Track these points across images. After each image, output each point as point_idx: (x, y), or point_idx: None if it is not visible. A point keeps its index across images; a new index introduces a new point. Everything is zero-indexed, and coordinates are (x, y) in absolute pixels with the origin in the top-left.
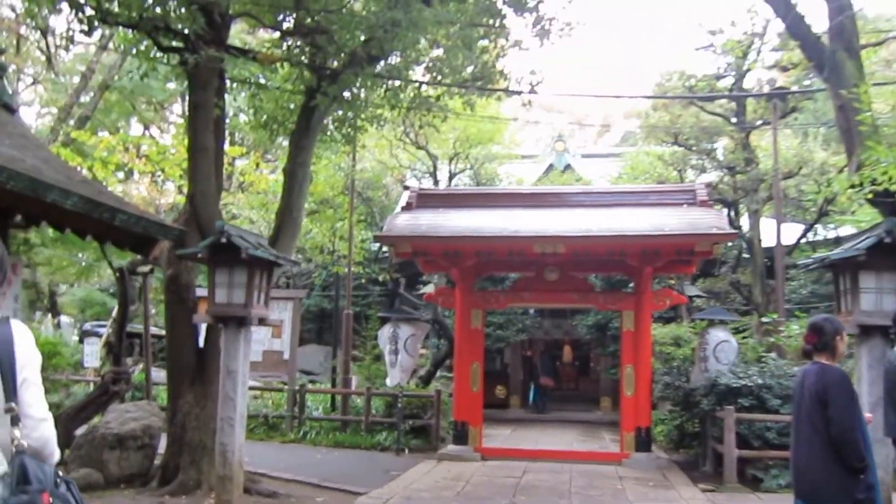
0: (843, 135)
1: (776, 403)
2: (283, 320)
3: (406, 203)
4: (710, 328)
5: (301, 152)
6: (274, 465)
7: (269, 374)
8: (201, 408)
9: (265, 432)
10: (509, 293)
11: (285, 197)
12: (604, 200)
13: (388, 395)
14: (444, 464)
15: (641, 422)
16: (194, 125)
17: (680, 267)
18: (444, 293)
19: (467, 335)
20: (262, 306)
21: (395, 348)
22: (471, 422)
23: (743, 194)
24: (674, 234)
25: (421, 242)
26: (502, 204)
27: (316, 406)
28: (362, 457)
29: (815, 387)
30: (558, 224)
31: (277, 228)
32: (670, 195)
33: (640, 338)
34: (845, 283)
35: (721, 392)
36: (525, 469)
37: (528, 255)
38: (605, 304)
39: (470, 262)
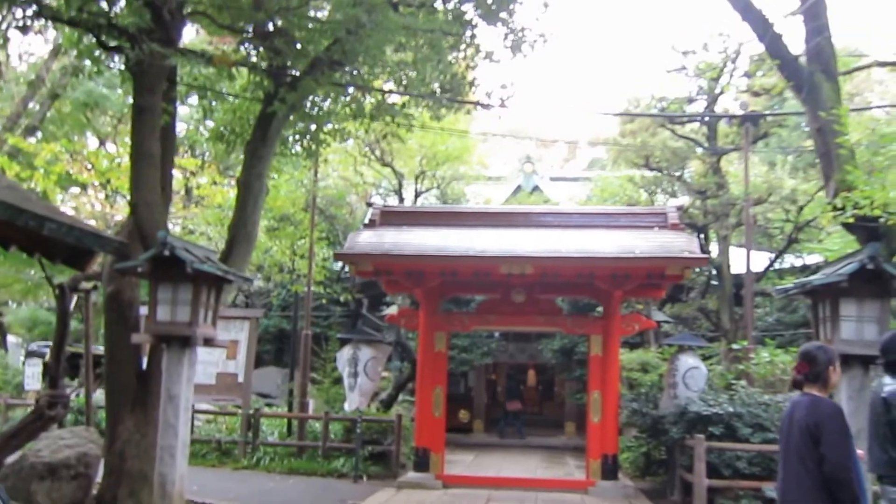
0: (821, 158)
1: (747, 432)
2: (239, 341)
3: (369, 220)
4: (679, 354)
5: (257, 162)
6: (223, 495)
7: (223, 398)
8: (142, 435)
9: (217, 458)
10: (475, 315)
11: (239, 209)
12: (573, 221)
13: (346, 419)
14: (404, 492)
15: (608, 449)
16: (139, 130)
17: (649, 291)
18: (407, 315)
19: (430, 358)
20: (209, 325)
21: (355, 371)
22: (433, 448)
23: (713, 219)
24: (644, 257)
25: (384, 261)
26: (469, 223)
27: (271, 431)
28: (318, 485)
29: (807, 420)
30: (526, 244)
31: (230, 243)
32: (641, 217)
33: (608, 363)
34: (825, 311)
35: (691, 419)
36: (488, 498)
37: (494, 275)
38: (572, 327)
39: (434, 282)
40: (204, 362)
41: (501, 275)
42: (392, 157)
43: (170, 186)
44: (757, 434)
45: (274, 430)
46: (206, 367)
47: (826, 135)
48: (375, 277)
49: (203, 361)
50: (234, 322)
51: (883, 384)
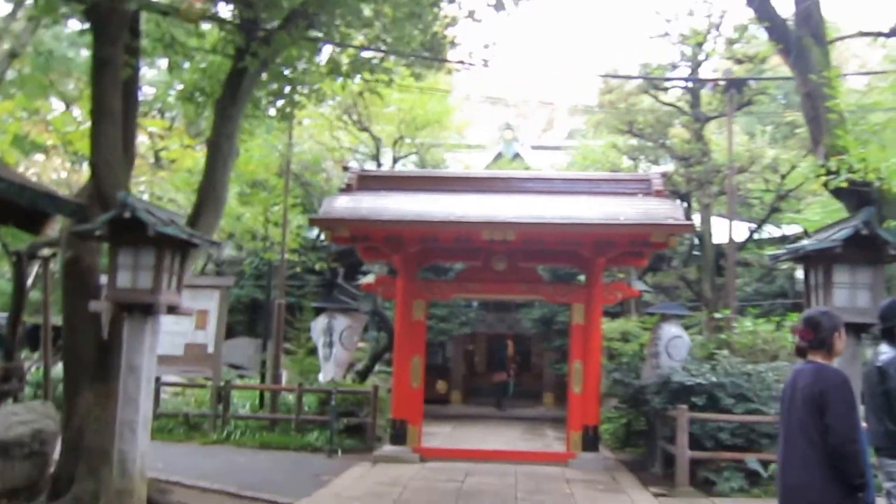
0: (810, 123)
1: (729, 402)
2: (209, 310)
3: (345, 184)
4: (662, 323)
5: (227, 122)
6: (190, 471)
7: (192, 369)
8: (103, 409)
9: (185, 433)
10: (455, 283)
11: (208, 171)
12: (556, 187)
13: (321, 391)
14: (381, 466)
15: (589, 420)
16: (99, 85)
17: (632, 259)
18: (384, 283)
19: (408, 327)
20: (174, 292)
21: (330, 341)
22: (410, 420)
23: (697, 186)
24: (629, 224)
25: (361, 226)
26: (449, 188)
27: (243, 403)
28: (291, 459)
29: (811, 389)
30: (508, 210)
31: (198, 206)
32: (625, 184)
33: (590, 332)
34: (817, 277)
35: (673, 390)
36: (467, 471)
37: (475, 242)
38: (554, 296)
39: (413, 248)
40: (171, 332)
41: (483, 241)
42: (369, 121)
43: (133, 146)
44: (740, 404)
45: (245, 403)
46: (174, 338)
47: (815, 99)
48: (352, 244)
49: (170, 332)
50: (204, 291)
51: (879, 353)
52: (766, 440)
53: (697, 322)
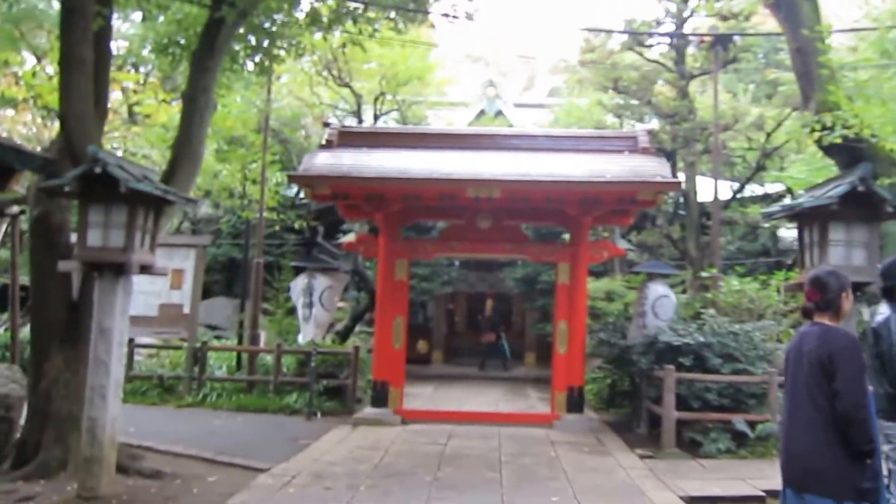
0: (800, 79)
1: (716, 363)
2: (185, 270)
3: (326, 140)
4: (648, 282)
5: (204, 75)
6: (164, 436)
7: (167, 330)
8: (72, 373)
9: (159, 395)
10: (438, 242)
11: (184, 126)
12: (541, 144)
13: (300, 352)
14: (361, 429)
15: (574, 381)
16: (68, 34)
17: (618, 218)
18: (365, 241)
19: (391, 287)
20: (147, 251)
21: (310, 301)
22: (392, 382)
23: (683, 143)
24: (616, 182)
25: (342, 183)
26: (432, 145)
27: (219, 365)
28: (269, 422)
29: (818, 352)
30: (493, 168)
31: (173, 162)
32: (611, 141)
33: (576, 292)
34: (812, 236)
35: (660, 350)
36: (450, 434)
37: (459, 200)
38: (540, 255)
39: (396, 206)
40: (146, 293)
41: (467, 199)
42: (350, 76)
43: (106, 100)
44: (727, 364)
45: (222, 365)
46: (148, 298)
47: (806, 55)
48: (333, 202)
49: (145, 292)
50: (179, 250)
51: (875, 313)
52: (753, 400)
53: (682, 281)
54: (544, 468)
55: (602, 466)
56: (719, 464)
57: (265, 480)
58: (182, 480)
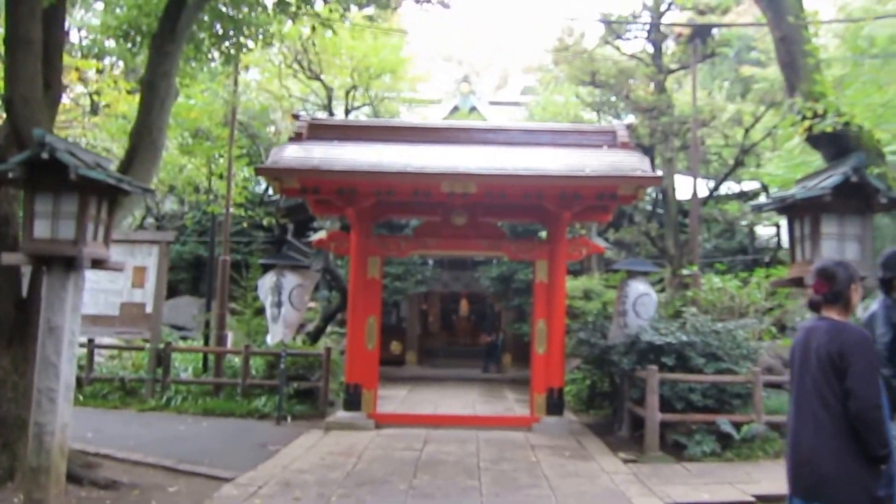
0: (785, 69)
1: (700, 362)
2: (147, 267)
3: (295, 133)
4: (629, 280)
5: (164, 60)
6: (124, 442)
7: (128, 330)
8: (21, 375)
9: (120, 399)
10: (412, 239)
11: (143, 114)
12: (517, 139)
13: (269, 353)
14: (333, 434)
15: (554, 382)
16: (14, 11)
17: (596, 214)
18: (337, 238)
19: (363, 286)
20: (101, 244)
21: (279, 300)
22: (365, 384)
23: (662, 138)
24: (596, 176)
25: (311, 177)
26: (406, 138)
27: (185, 367)
28: (236, 427)
29: (828, 349)
30: (468, 161)
31: (132, 151)
32: (589, 136)
33: (554, 290)
34: (803, 229)
35: (642, 350)
36: (426, 438)
37: (434, 195)
38: (517, 252)
39: (368, 202)
40: (106, 291)
41: (442, 195)
42: (321, 69)
43: (58, 83)
44: (710, 364)
45: (188, 367)
46: (109, 297)
47: (791, 43)
48: (302, 196)
49: (105, 290)
50: (142, 246)
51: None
52: (738, 401)
53: (661, 279)
54: (525, 474)
55: (585, 471)
56: (705, 467)
57: (230, 491)
58: (140, 491)
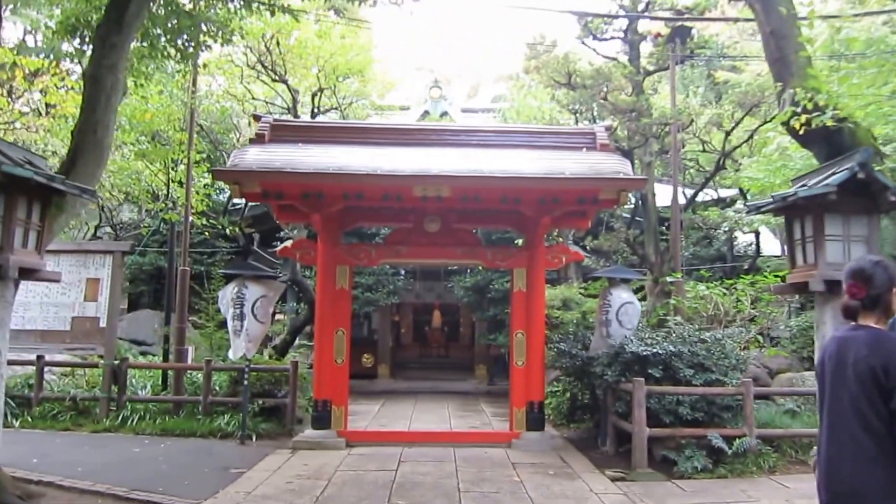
0: (774, 65)
1: (688, 374)
2: (101, 279)
3: (257, 134)
4: (611, 288)
5: (110, 52)
6: (72, 467)
7: (81, 346)
8: None
9: (72, 419)
10: (383, 247)
11: (87, 110)
12: (493, 140)
13: (232, 369)
14: (301, 454)
15: (534, 395)
16: None
17: (574, 220)
18: (303, 247)
19: (331, 296)
20: (33, 252)
21: (241, 312)
22: (334, 400)
23: (642, 140)
24: (578, 178)
25: (274, 180)
26: (375, 140)
27: (143, 384)
28: (196, 448)
29: (870, 362)
30: (441, 164)
31: (74, 152)
32: (567, 137)
33: (533, 299)
34: (803, 230)
35: (627, 361)
36: (401, 457)
37: (405, 199)
38: (493, 260)
39: (335, 206)
40: (57, 304)
41: (414, 199)
42: (285, 69)
43: None
44: (698, 375)
45: (146, 384)
46: (60, 311)
47: (781, 38)
48: (264, 201)
49: (56, 303)
50: (95, 257)
51: None
52: (728, 413)
53: (641, 287)
54: (508, 496)
55: (572, 492)
56: (699, 485)
57: None
58: None
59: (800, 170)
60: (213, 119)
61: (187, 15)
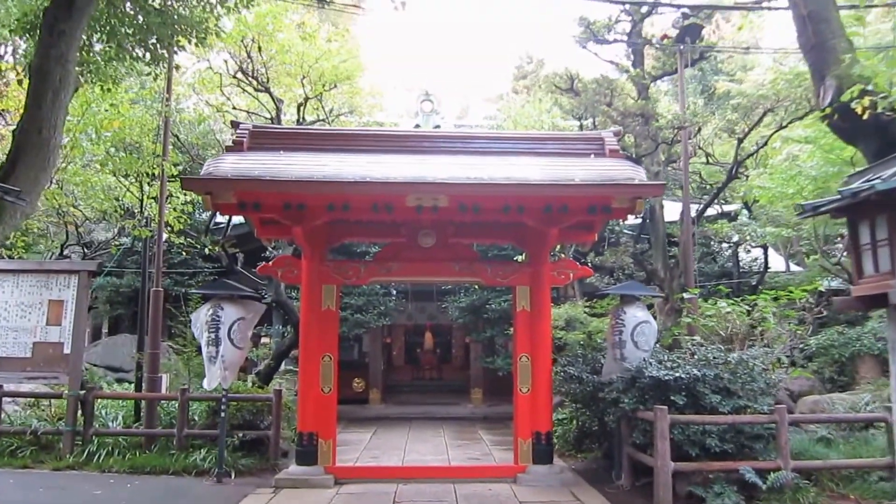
0: (810, 53)
1: (714, 400)
2: (65, 301)
3: (234, 142)
4: (624, 307)
5: (59, 40)
6: None
7: (42, 374)
8: None
9: (32, 455)
10: (373, 264)
11: (32, 107)
12: (493, 147)
13: (210, 398)
14: (285, 494)
15: (540, 425)
16: None
17: (580, 234)
18: (285, 264)
19: (317, 318)
20: None
21: (216, 337)
22: (321, 434)
23: (652, 146)
24: (589, 185)
25: (251, 188)
26: (365, 147)
27: (115, 415)
28: (168, 488)
29: None
30: (437, 172)
31: (14, 153)
32: (573, 143)
33: (539, 319)
34: (874, 233)
35: (645, 386)
36: (396, 496)
37: (398, 211)
38: (494, 277)
39: (320, 219)
40: (16, 329)
41: (407, 210)
42: (268, 78)
43: None
44: (726, 402)
45: (118, 414)
46: (19, 336)
47: (819, 22)
48: (240, 213)
49: (15, 328)
50: (58, 277)
51: None
52: (759, 444)
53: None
54: None
55: None
56: None
57: None
58: None
59: (815, 178)
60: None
61: (157, 12)
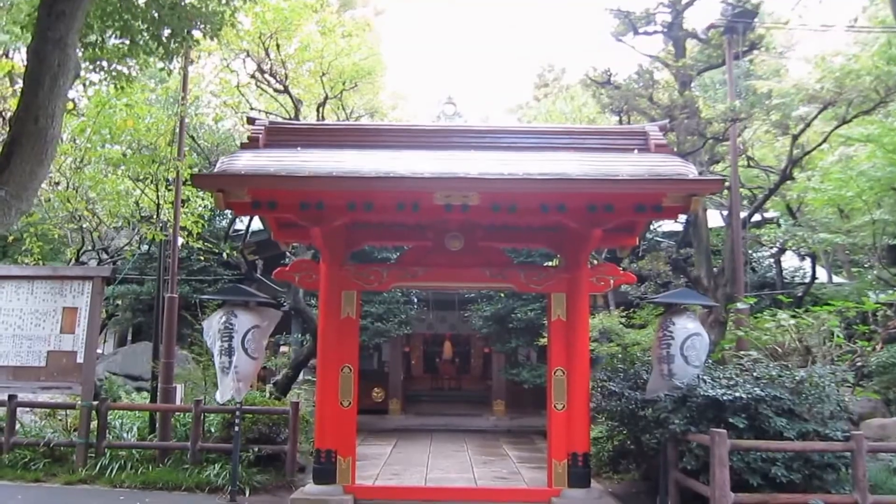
0: None
1: (780, 423)
2: (79, 308)
3: (249, 138)
4: (673, 317)
5: (58, 22)
6: None
7: (56, 384)
8: None
9: (46, 468)
10: (396, 268)
11: (28, 94)
12: (527, 142)
13: (225, 410)
14: None
15: (577, 446)
16: None
17: (621, 238)
18: (303, 268)
19: (336, 327)
20: None
21: (229, 346)
22: (340, 450)
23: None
24: (639, 181)
25: (266, 186)
26: (388, 142)
27: (130, 426)
28: None
29: None
30: (468, 167)
31: (10, 145)
32: (615, 138)
33: (576, 330)
34: None
35: (698, 406)
36: None
37: (424, 210)
38: (527, 283)
39: (339, 220)
40: (30, 337)
41: (434, 210)
42: (286, 76)
43: None
44: (792, 425)
45: (134, 426)
46: (34, 344)
47: None
48: (255, 213)
49: (29, 336)
50: (72, 283)
51: None
52: (832, 474)
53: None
54: None
55: None
56: None
57: None
58: None
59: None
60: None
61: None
